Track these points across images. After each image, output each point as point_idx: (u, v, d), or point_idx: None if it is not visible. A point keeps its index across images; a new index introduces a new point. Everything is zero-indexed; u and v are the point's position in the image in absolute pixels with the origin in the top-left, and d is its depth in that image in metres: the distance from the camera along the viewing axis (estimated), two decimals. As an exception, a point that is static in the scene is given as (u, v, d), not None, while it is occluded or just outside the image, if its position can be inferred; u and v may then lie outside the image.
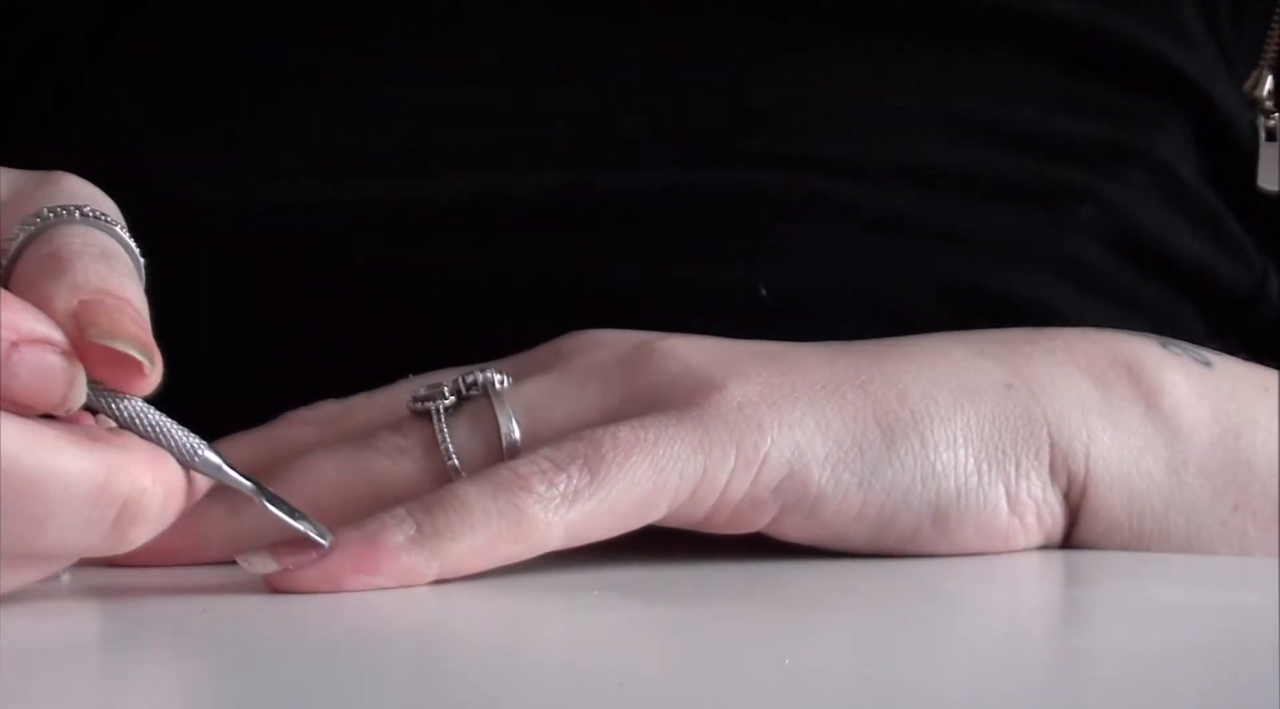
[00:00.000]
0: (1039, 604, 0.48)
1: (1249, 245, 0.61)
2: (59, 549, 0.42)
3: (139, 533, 0.42)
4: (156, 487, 0.42)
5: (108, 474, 0.41)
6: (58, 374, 0.41)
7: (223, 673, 0.39)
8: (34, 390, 0.41)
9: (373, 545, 0.46)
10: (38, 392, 0.41)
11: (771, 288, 0.56)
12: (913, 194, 0.58)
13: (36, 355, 0.41)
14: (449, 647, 0.42)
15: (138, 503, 0.42)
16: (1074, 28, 0.60)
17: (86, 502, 0.41)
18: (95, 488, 0.41)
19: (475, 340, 0.54)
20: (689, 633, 0.43)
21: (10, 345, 0.40)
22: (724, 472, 0.49)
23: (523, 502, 0.47)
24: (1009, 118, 0.59)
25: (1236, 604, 0.47)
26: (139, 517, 0.42)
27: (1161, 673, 0.38)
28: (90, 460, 0.41)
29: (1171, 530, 0.53)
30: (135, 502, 0.42)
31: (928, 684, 0.38)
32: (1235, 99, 0.61)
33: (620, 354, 0.51)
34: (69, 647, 0.41)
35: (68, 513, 0.41)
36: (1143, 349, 0.54)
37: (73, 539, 0.41)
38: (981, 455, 0.51)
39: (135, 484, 0.42)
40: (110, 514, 0.41)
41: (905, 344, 0.53)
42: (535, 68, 0.59)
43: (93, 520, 0.41)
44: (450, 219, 0.58)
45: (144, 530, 0.42)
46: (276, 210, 0.58)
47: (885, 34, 0.60)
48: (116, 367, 0.42)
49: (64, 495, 0.41)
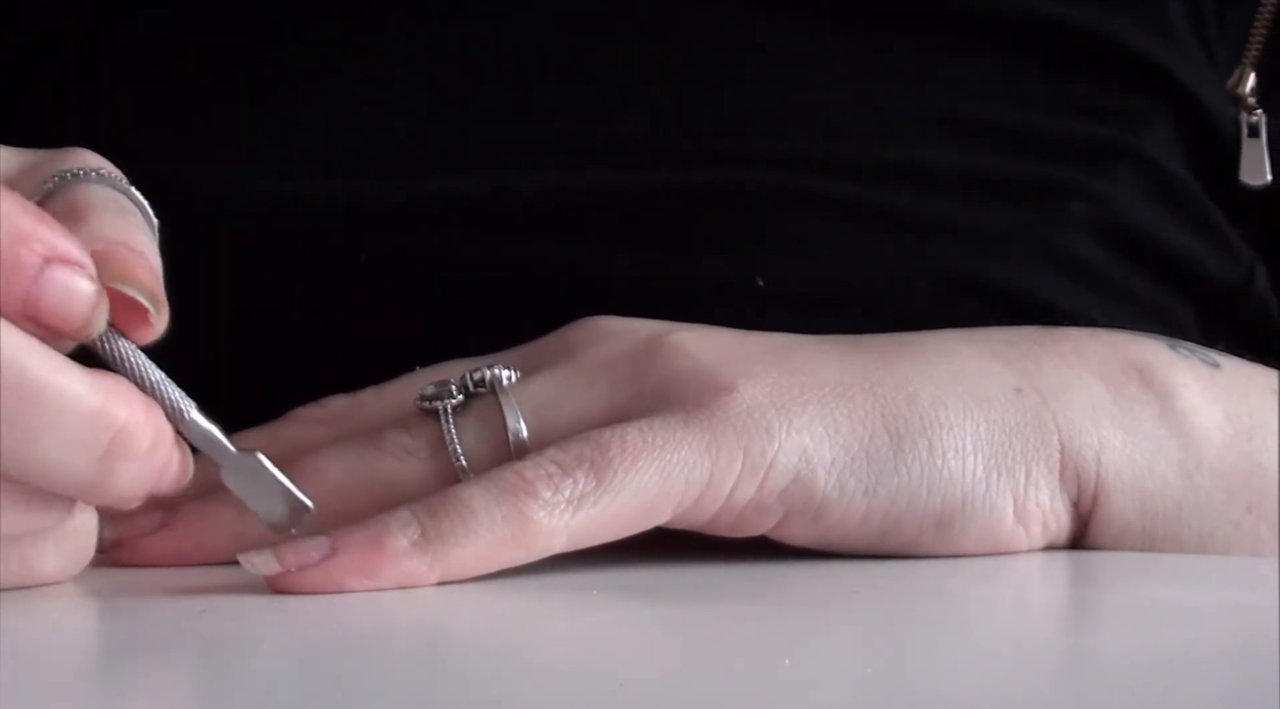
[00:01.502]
0: (1044, 604, 0.48)
1: (1236, 239, 0.61)
2: (50, 469, 0.42)
3: (126, 470, 0.43)
4: (147, 427, 0.43)
5: (105, 400, 0.42)
6: (84, 297, 0.42)
7: (223, 673, 0.39)
8: (59, 309, 0.42)
9: (375, 549, 0.46)
10: (63, 311, 0.42)
11: (768, 279, 0.56)
12: (906, 192, 0.58)
13: (67, 275, 0.42)
14: (449, 647, 0.42)
15: (129, 436, 0.42)
16: (1063, 29, 0.60)
17: (83, 421, 0.42)
18: (93, 410, 0.42)
19: (478, 333, 0.54)
20: (689, 633, 0.43)
21: (44, 261, 0.42)
22: (730, 477, 0.49)
23: (527, 507, 0.47)
24: (999, 117, 0.59)
25: (1246, 605, 0.47)
26: (128, 451, 0.43)
27: (1169, 674, 0.38)
28: (90, 385, 0.42)
29: (1184, 533, 0.52)
30: (127, 434, 0.42)
31: (930, 685, 0.37)
32: (1219, 96, 0.61)
33: (629, 348, 0.51)
34: (69, 647, 0.41)
35: (63, 429, 0.42)
36: (1152, 351, 0.54)
37: (64, 458, 0.42)
38: (991, 463, 0.51)
39: (129, 417, 0.42)
40: (103, 440, 0.42)
41: (915, 343, 0.53)
42: (535, 67, 0.59)
43: (86, 443, 0.42)
44: (452, 216, 0.58)
45: (130, 469, 0.43)
46: (279, 207, 0.58)
47: (877, 36, 0.60)
48: (125, 312, 0.44)
49: (62, 409, 0.42)
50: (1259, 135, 0.61)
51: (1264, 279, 0.61)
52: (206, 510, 0.50)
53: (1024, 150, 0.59)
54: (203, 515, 0.50)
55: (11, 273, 0.41)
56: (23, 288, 0.42)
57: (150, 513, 0.50)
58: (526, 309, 0.55)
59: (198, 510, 0.50)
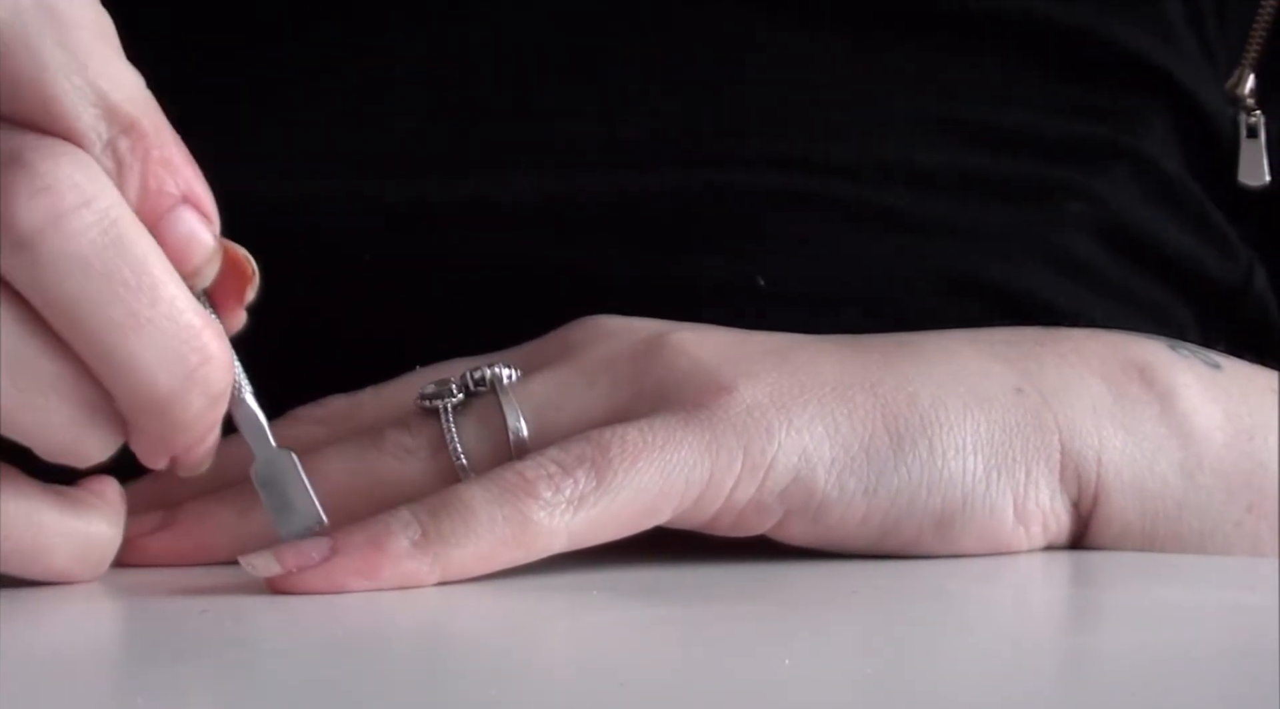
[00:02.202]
0: (1044, 604, 0.48)
1: (1235, 239, 0.61)
2: (135, 366, 0.43)
3: (194, 402, 0.44)
4: (227, 372, 0.45)
5: (205, 325, 0.44)
6: (205, 243, 0.45)
7: (223, 673, 0.38)
8: (181, 248, 0.45)
9: (376, 549, 0.46)
10: (183, 251, 0.45)
11: (768, 279, 0.56)
12: (905, 192, 0.58)
13: (194, 220, 0.45)
14: (450, 647, 0.42)
15: (213, 369, 0.44)
16: (1060, 29, 0.60)
17: (182, 332, 0.44)
18: (193, 327, 0.44)
19: (478, 333, 0.54)
20: (689, 633, 0.43)
21: (183, 196, 0.45)
22: (730, 477, 0.49)
23: (527, 507, 0.47)
24: (997, 118, 0.59)
25: (1246, 605, 0.47)
26: (207, 383, 0.44)
27: (1169, 674, 0.38)
28: (199, 310, 0.44)
29: (1185, 533, 0.52)
30: (212, 366, 0.44)
31: (930, 685, 0.37)
32: (1217, 96, 0.61)
33: (629, 348, 0.51)
34: (69, 647, 0.41)
35: (163, 330, 0.44)
36: (1153, 351, 0.54)
37: (153, 362, 0.43)
38: (991, 463, 0.51)
39: (219, 352, 0.45)
40: (193, 361, 0.44)
41: (916, 343, 0.53)
42: (536, 69, 0.59)
43: (177, 354, 0.44)
44: (453, 216, 0.58)
45: (199, 403, 0.44)
46: (280, 207, 0.58)
47: (876, 37, 0.60)
48: (232, 277, 0.46)
49: (169, 314, 0.44)
50: (1258, 136, 0.61)
51: (1263, 279, 0.61)
52: (207, 511, 0.50)
53: (1022, 151, 0.59)
54: (203, 516, 0.50)
55: (154, 194, 0.44)
56: (157, 212, 0.44)
57: (151, 513, 0.50)
58: (527, 308, 0.55)
59: (198, 510, 0.50)
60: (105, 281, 0.43)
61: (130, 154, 0.44)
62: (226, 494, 0.50)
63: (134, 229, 0.43)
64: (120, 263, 0.43)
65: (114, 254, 0.43)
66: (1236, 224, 0.61)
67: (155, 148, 0.44)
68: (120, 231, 0.43)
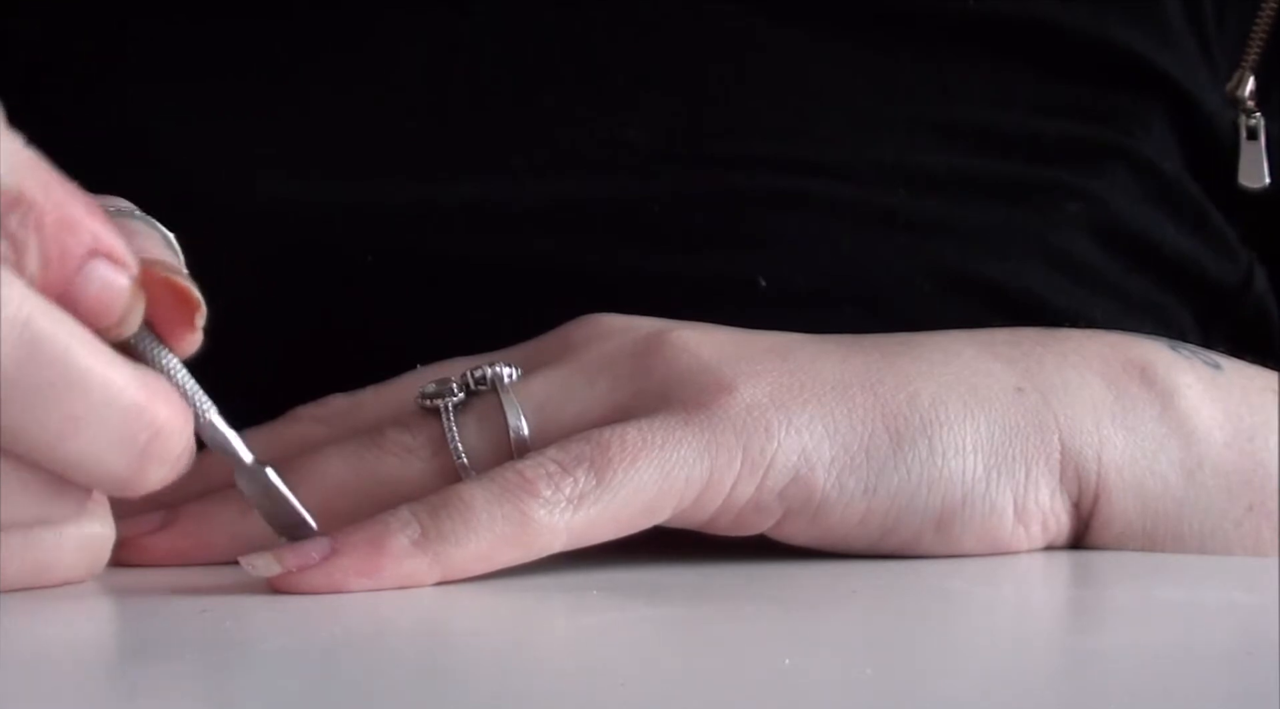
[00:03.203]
0: (1044, 604, 0.48)
1: (1234, 239, 0.61)
2: (86, 462, 0.42)
3: (157, 472, 0.42)
4: (185, 430, 0.43)
5: (149, 397, 0.42)
6: (123, 295, 0.42)
7: (223, 673, 0.38)
8: (98, 302, 0.42)
9: (376, 549, 0.46)
10: (101, 305, 0.42)
11: (769, 278, 0.56)
12: (904, 194, 0.58)
13: (108, 270, 0.42)
14: (450, 647, 0.42)
15: (167, 438, 0.42)
16: (1059, 32, 0.60)
17: (125, 416, 0.42)
18: (137, 406, 0.42)
19: (479, 332, 0.54)
20: (689, 633, 0.43)
21: (90, 252, 0.42)
22: (729, 475, 0.49)
23: (527, 506, 0.47)
24: (994, 121, 0.59)
25: (1246, 605, 0.46)
26: (164, 453, 0.42)
27: (1169, 674, 0.38)
28: (136, 381, 0.42)
29: (1186, 532, 0.52)
30: (165, 436, 0.42)
31: (930, 685, 0.37)
32: (1216, 97, 0.61)
33: (630, 346, 0.51)
34: (70, 646, 0.41)
35: (105, 422, 0.41)
36: (1154, 351, 0.54)
37: (101, 453, 0.42)
38: (991, 462, 0.51)
39: (169, 418, 0.42)
40: (142, 439, 0.42)
41: (917, 343, 0.53)
42: (538, 72, 0.60)
43: (125, 439, 0.42)
44: (455, 217, 0.58)
45: (161, 472, 0.43)
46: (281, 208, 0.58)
47: (874, 41, 0.60)
48: (174, 307, 0.43)
49: (107, 402, 0.41)
50: (1257, 138, 0.61)
51: (1263, 280, 0.61)
52: (207, 510, 0.50)
53: (1019, 153, 0.59)
54: (203, 515, 0.50)
55: (57, 260, 0.41)
56: (65, 276, 0.41)
57: (151, 513, 0.50)
58: (528, 308, 0.55)
59: (198, 510, 0.50)
60: (34, 394, 0.40)
61: (22, 229, 0.41)
62: (227, 494, 0.50)
63: (49, 323, 0.40)
64: (44, 370, 0.40)
65: (35, 363, 0.40)
66: (1236, 225, 0.61)
67: (49, 212, 0.41)
68: (34, 335, 0.40)
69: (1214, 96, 0.61)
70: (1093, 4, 0.60)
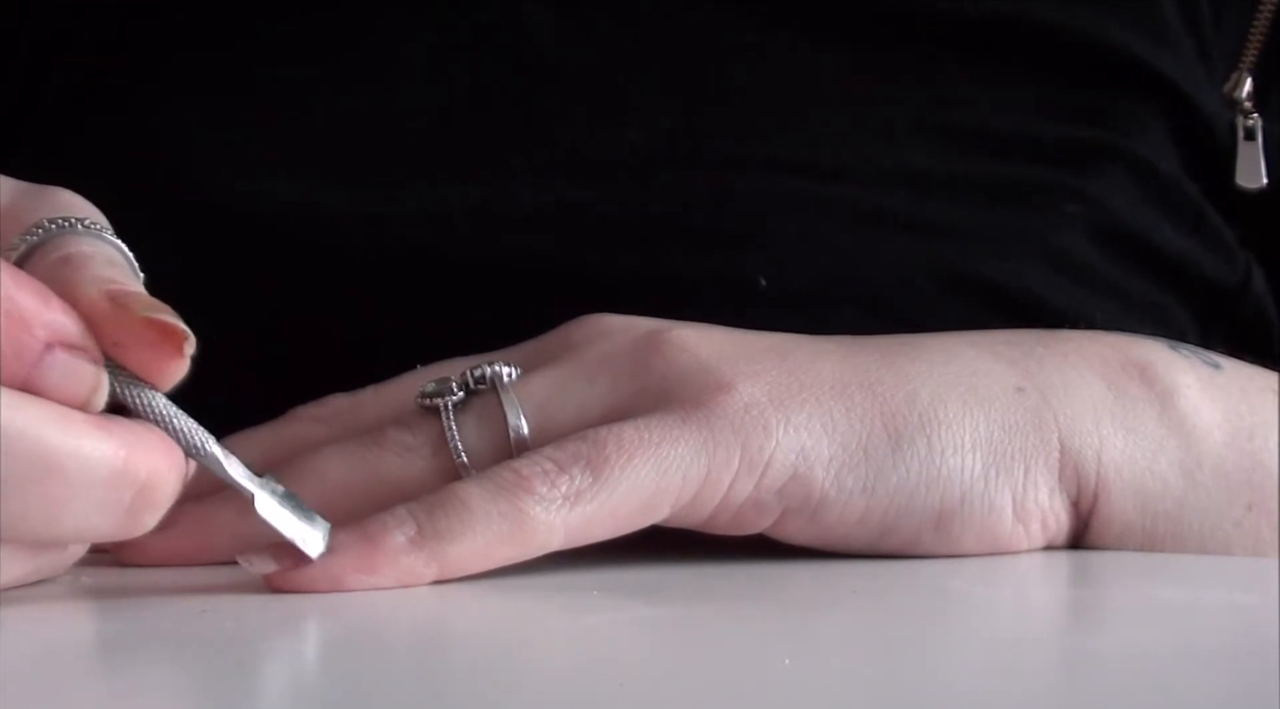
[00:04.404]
0: (1044, 604, 0.48)
1: (1232, 240, 0.61)
2: (74, 534, 0.42)
3: (150, 518, 0.42)
4: (171, 474, 0.43)
5: (127, 457, 0.42)
6: (86, 379, 0.42)
7: (223, 673, 0.38)
8: (61, 390, 0.41)
9: (373, 546, 0.46)
10: (64, 392, 0.41)
11: (769, 279, 0.56)
12: (903, 197, 0.58)
13: (67, 359, 0.41)
14: (449, 647, 0.42)
15: (154, 488, 0.42)
16: (1055, 34, 0.60)
17: (106, 484, 0.41)
18: (115, 471, 0.41)
19: (480, 332, 0.54)
20: (689, 633, 0.43)
21: (46, 346, 0.41)
22: (727, 474, 0.49)
23: (524, 503, 0.47)
24: (992, 124, 0.60)
25: (1246, 605, 0.47)
26: (153, 502, 0.42)
27: (1169, 674, 0.38)
28: (112, 444, 0.41)
29: (1185, 532, 0.52)
30: (151, 487, 0.42)
31: (930, 685, 0.37)
32: (1214, 98, 0.61)
33: (629, 344, 0.51)
34: (69, 647, 0.41)
35: (87, 496, 0.41)
36: (1154, 351, 0.54)
37: (90, 523, 0.42)
38: (990, 461, 0.51)
39: (153, 469, 0.42)
40: (127, 498, 0.42)
41: (917, 343, 0.53)
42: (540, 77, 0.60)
43: (110, 504, 0.42)
44: (458, 220, 0.58)
45: (155, 516, 0.43)
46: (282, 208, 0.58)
47: (875, 45, 0.60)
48: (157, 344, 0.42)
49: (86, 478, 0.41)
50: (1255, 138, 0.61)
51: (1261, 280, 0.61)
52: (207, 511, 0.50)
53: (1017, 155, 0.59)
54: (203, 516, 0.50)
55: (13, 358, 0.41)
56: (23, 372, 0.41)
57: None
58: (528, 308, 0.55)
59: (199, 511, 0.50)
60: (14, 489, 0.40)
61: None
62: (227, 494, 0.49)
63: (15, 415, 0.40)
64: (19, 465, 0.40)
65: (9, 461, 0.40)
66: (1234, 226, 0.62)
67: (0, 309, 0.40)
68: (3, 430, 0.40)
69: (1211, 97, 0.61)
70: (1091, 6, 0.60)
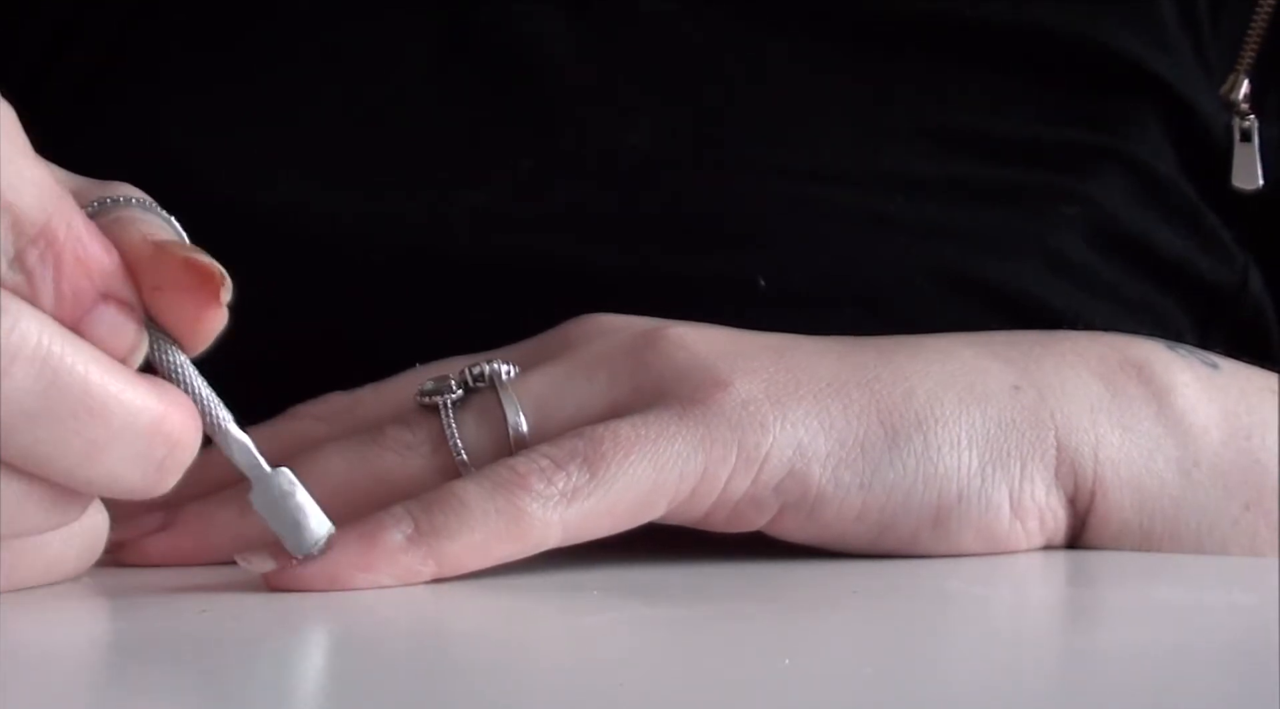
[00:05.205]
0: (1043, 604, 0.48)
1: (1230, 241, 0.61)
2: (105, 481, 0.43)
3: (173, 479, 0.43)
4: (194, 440, 0.43)
5: (164, 413, 0.43)
6: (129, 336, 0.43)
7: (223, 673, 0.38)
8: (105, 343, 0.42)
9: (370, 544, 0.46)
10: (107, 344, 0.42)
11: (769, 279, 0.57)
12: (902, 200, 0.58)
13: (115, 314, 0.43)
14: (449, 647, 0.42)
15: (183, 449, 0.43)
16: (1052, 37, 0.60)
17: (144, 435, 0.42)
18: (155, 424, 0.42)
19: (480, 331, 0.54)
20: (689, 633, 0.43)
21: (101, 296, 0.42)
22: (724, 470, 0.49)
23: (521, 500, 0.47)
24: (990, 127, 0.60)
25: (1246, 605, 0.47)
26: (178, 463, 0.43)
27: (1169, 674, 0.38)
28: (154, 398, 0.42)
29: (1183, 531, 0.52)
30: (181, 448, 0.43)
31: (930, 685, 0.37)
32: (1211, 100, 0.61)
33: (627, 342, 0.51)
34: (69, 646, 0.41)
35: (125, 444, 0.42)
36: (1151, 351, 0.54)
37: (121, 471, 0.42)
38: (986, 458, 0.51)
39: (184, 430, 0.43)
40: (159, 454, 0.43)
41: (915, 343, 0.53)
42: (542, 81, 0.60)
43: (144, 456, 0.42)
44: (459, 221, 0.58)
45: (175, 479, 0.43)
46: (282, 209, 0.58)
47: (873, 49, 0.60)
48: (195, 287, 0.43)
49: (127, 425, 0.42)
50: (1251, 140, 0.61)
51: (1258, 281, 0.61)
52: (208, 511, 0.50)
53: (1016, 157, 0.59)
54: (204, 516, 0.50)
55: (71, 300, 0.42)
56: (75, 316, 0.42)
57: (152, 513, 0.50)
58: (528, 308, 0.55)
59: (199, 511, 0.50)
60: (57, 424, 0.41)
61: (41, 264, 0.41)
62: (227, 494, 0.50)
63: (69, 352, 0.41)
64: (67, 401, 0.41)
65: (58, 395, 0.41)
66: (1232, 227, 0.62)
67: (68, 249, 0.42)
68: (55, 367, 0.41)
69: (1208, 99, 0.61)
70: (1088, 9, 0.60)
